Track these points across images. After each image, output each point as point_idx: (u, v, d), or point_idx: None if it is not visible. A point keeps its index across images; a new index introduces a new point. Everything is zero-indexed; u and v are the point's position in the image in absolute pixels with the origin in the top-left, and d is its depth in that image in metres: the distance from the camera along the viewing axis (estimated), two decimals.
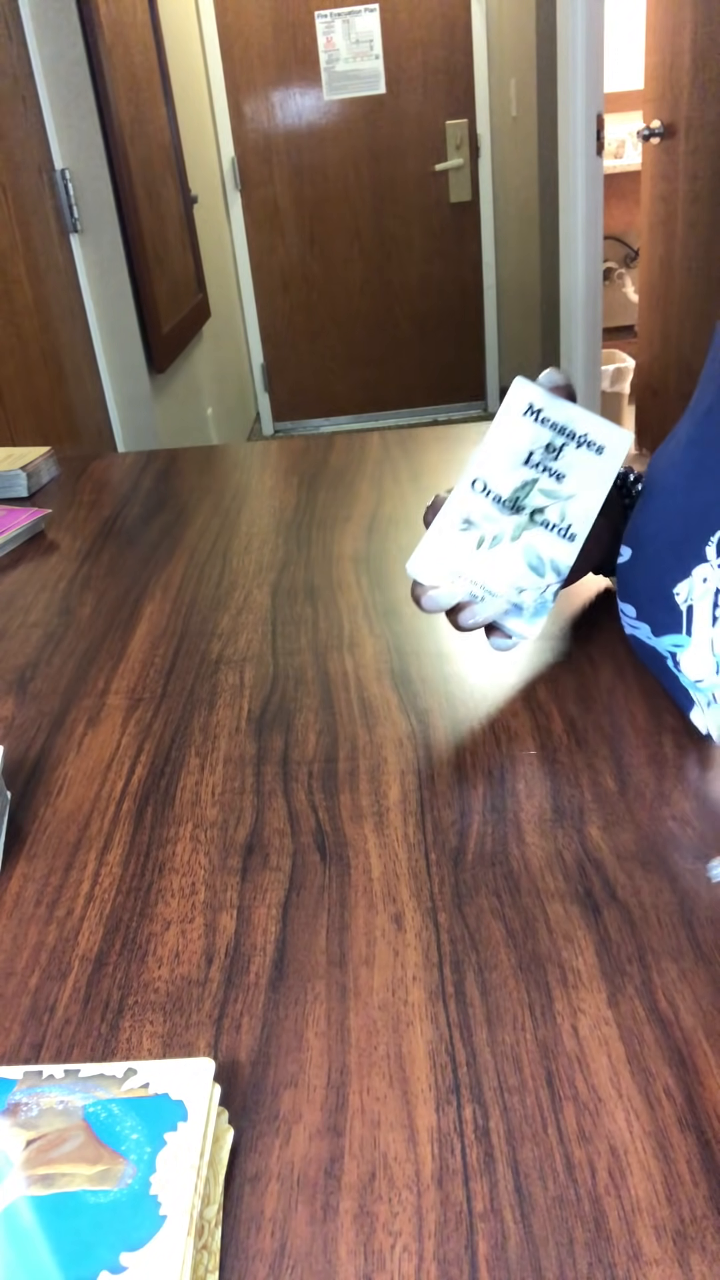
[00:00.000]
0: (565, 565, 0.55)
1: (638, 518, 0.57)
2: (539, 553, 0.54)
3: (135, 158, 2.45)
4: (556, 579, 0.55)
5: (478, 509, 0.54)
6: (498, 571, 0.54)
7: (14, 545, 0.92)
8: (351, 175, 4.03)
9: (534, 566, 0.54)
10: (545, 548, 0.54)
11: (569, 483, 0.54)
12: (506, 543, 0.54)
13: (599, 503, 0.55)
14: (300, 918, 0.44)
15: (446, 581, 0.54)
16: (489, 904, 0.43)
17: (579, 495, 0.54)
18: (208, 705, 0.62)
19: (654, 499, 0.55)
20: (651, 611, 0.54)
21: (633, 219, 4.01)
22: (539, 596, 0.55)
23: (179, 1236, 0.29)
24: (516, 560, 0.54)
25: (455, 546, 0.54)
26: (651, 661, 0.56)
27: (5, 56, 1.72)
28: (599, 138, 2.90)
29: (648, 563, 0.54)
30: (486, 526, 0.54)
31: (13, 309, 1.67)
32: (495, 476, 0.54)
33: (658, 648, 0.54)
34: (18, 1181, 0.31)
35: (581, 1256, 0.30)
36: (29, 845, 0.51)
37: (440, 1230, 0.31)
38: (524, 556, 0.54)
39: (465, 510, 0.54)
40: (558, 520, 0.54)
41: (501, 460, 0.54)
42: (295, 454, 1.11)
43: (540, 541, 0.54)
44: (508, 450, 0.54)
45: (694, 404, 0.54)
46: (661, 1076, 0.35)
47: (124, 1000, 0.41)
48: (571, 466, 0.54)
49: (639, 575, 0.55)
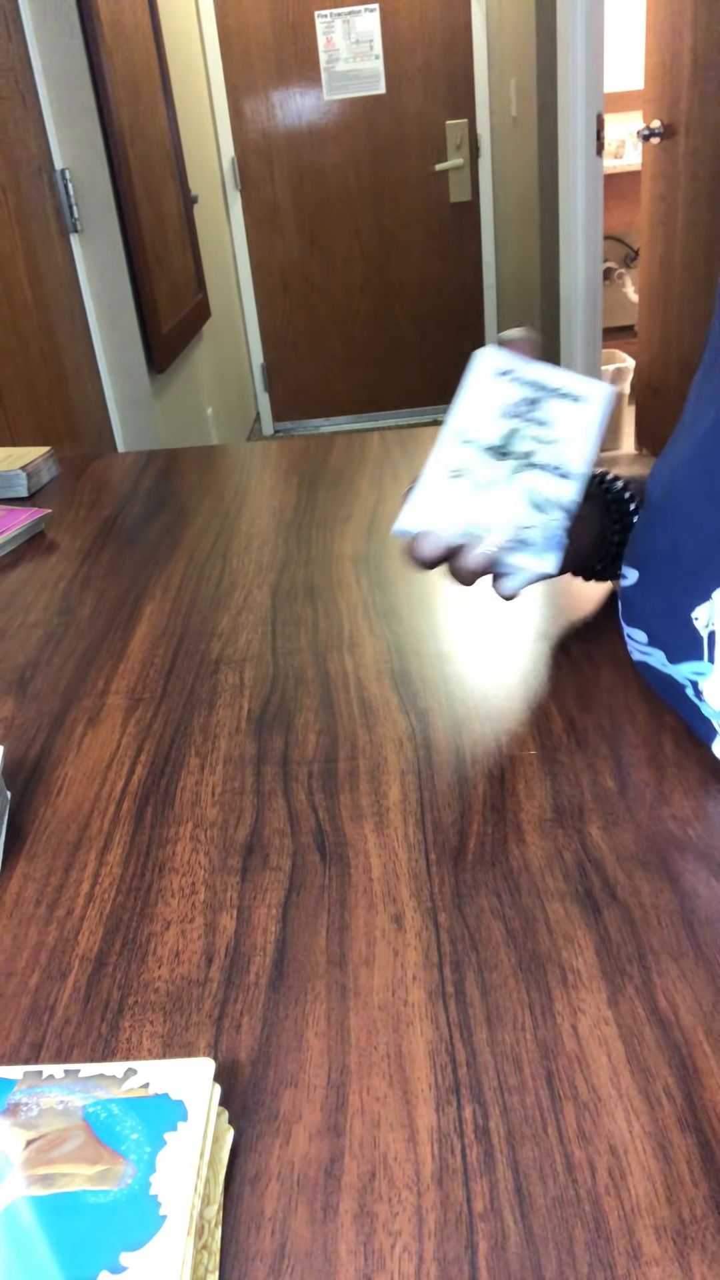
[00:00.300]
0: (570, 501, 0.51)
1: (641, 537, 0.54)
2: (540, 492, 0.51)
3: (135, 158, 2.45)
4: (563, 514, 0.51)
5: (467, 457, 0.52)
6: (499, 511, 0.51)
7: (14, 545, 0.92)
8: (351, 175, 4.03)
9: (537, 505, 0.51)
10: (545, 487, 0.51)
11: (555, 428, 0.52)
12: (502, 485, 0.51)
13: (590, 446, 0.52)
14: (300, 918, 0.44)
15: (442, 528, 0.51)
16: (489, 904, 0.43)
17: (568, 438, 0.52)
18: (208, 705, 0.62)
19: (658, 517, 0.52)
20: (666, 637, 0.51)
21: (633, 219, 4.01)
22: (546, 530, 0.51)
23: (179, 1236, 0.29)
24: (518, 501, 0.51)
25: (449, 495, 0.51)
26: (666, 690, 0.53)
27: (5, 56, 1.72)
28: (599, 138, 2.90)
29: (659, 585, 0.51)
30: (480, 472, 0.51)
31: (13, 309, 1.67)
32: (478, 427, 0.52)
33: (675, 676, 0.51)
34: (18, 1181, 0.31)
35: (581, 1256, 0.30)
36: (29, 845, 0.51)
37: (440, 1230, 0.31)
38: (525, 496, 0.51)
39: (454, 461, 0.52)
40: (553, 461, 0.52)
41: (481, 413, 0.52)
42: (295, 454, 1.11)
43: (539, 481, 0.52)
44: (486, 405, 0.52)
45: (691, 419, 0.52)
46: (661, 1076, 0.35)
47: (124, 1000, 0.41)
48: (554, 415, 0.52)
49: (649, 598, 0.52)
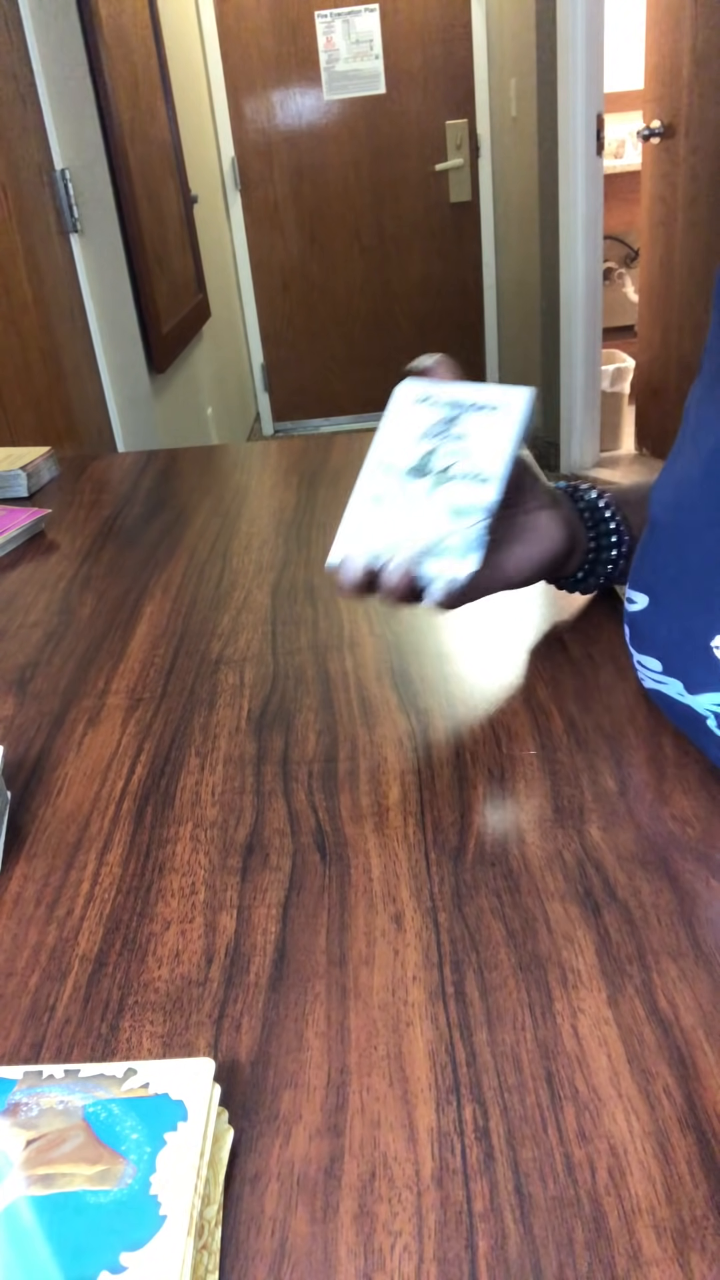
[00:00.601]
0: (489, 503, 0.53)
1: (651, 559, 0.52)
2: (457, 500, 0.53)
3: (135, 158, 2.45)
4: (481, 516, 0.53)
5: (386, 485, 0.54)
6: (419, 527, 0.53)
7: (14, 545, 0.92)
8: (351, 175, 4.03)
9: (457, 512, 0.53)
10: (463, 495, 0.53)
11: (471, 440, 0.54)
12: (422, 502, 0.53)
13: (509, 447, 0.54)
14: (300, 918, 0.44)
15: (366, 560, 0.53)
16: (489, 904, 0.43)
17: (484, 446, 0.54)
18: (208, 705, 0.62)
19: (665, 539, 0.51)
20: (684, 667, 0.49)
21: (633, 219, 4.01)
22: (466, 535, 0.53)
23: (179, 1236, 0.29)
24: (438, 513, 0.53)
25: (371, 522, 0.53)
26: (684, 720, 0.51)
27: (5, 56, 1.72)
28: (599, 138, 2.90)
29: (673, 612, 0.49)
30: (399, 497, 0.54)
31: (12, 309, 1.67)
32: (395, 453, 0.54)
33: (694, 707, 0.48)
34: (18, 1181, 0.31)
35: (581, 1256, 0.30)
36: (29, 845, 0.51)
37: (440, 1230, 0.31)
38: (444, 508, 0.53)
39: (373, 489, 0.54)
40: (469, 469, 0.54)
41: (401, 440, 0.54)
42: (295, 454, 1.11)
43: (456, 492, 0.53)
44: (405, 431, 0.55)
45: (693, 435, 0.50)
46: (661, 1076, 0.35)
47: (124, 1000, 0.41)
48: (471, 428, 0.54)
49: (662, 625, 0.50)
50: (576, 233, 3.04)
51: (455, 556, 0.53)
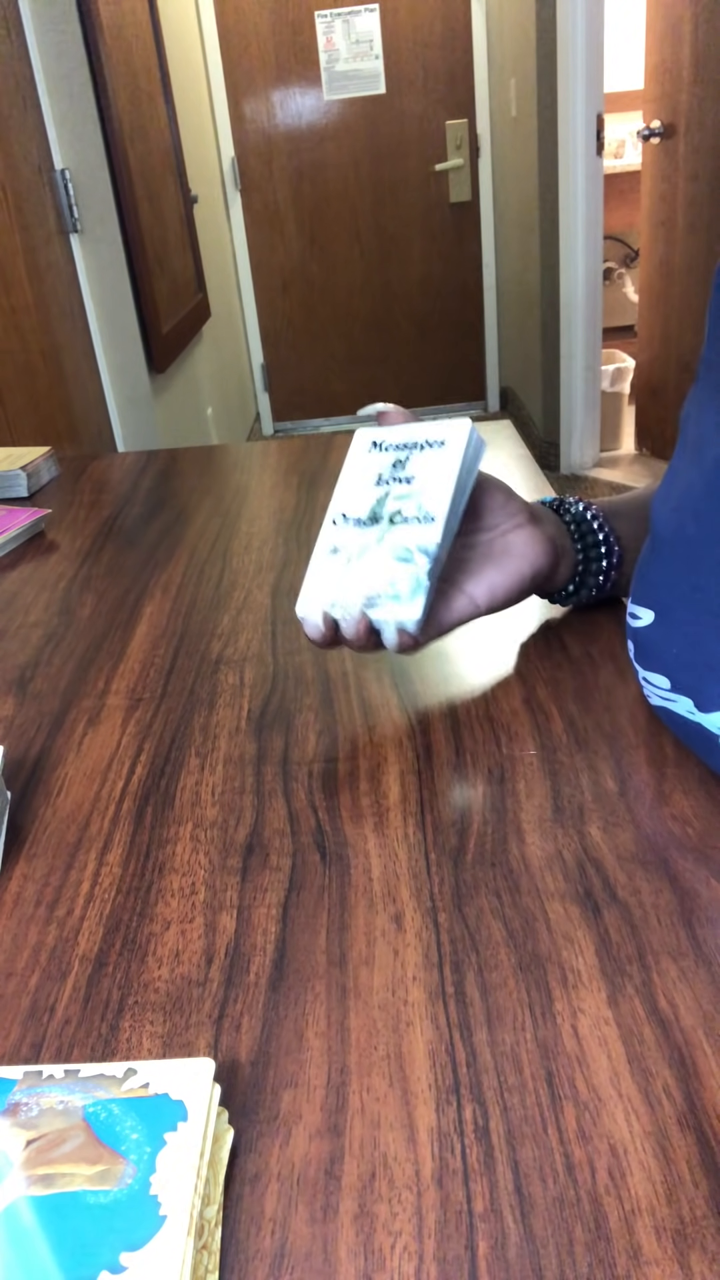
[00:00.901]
0: (432, 544, 0.55)
1: (656, 573, 0.50)
2: (405, 545, 0.55)
3: (135, 158, 2.45)
4: (427, 559, 0.55)
5: (341, 537, 0.57)
6: (370, 577, 0.55)
7: (14, 545, 0.92)
8: (351, 175, 4.03)
9: (402, 558, 0.55)
10: (409, 538, 0.55)
11: (418, 481, 0.56)
12: (373, 549, 0.56)
13: (450, 482, 0.56)
14: (300, 918, 0.44)
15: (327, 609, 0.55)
16: (489, 904, 0.43)
17: (429, 485, 0.56)
18: (208, 705, 0.62)
19: (671, 554, 0.49)
20: (695, 684, 0.47)
21: (633, 219, 4.02)
22: (412, 579, 0.55)
23: (179, 1236, 0.29)
24: (386, 560, 0.55)
25: (329, 575, 0.56)
26: (694, 738, 0.50)
27: (5, 56, 1.72)
28: (599, 138, 2.90)
29: (683, 629, 0.48)
30: (352, 546, 0.56)
31: (13, 309, 1.67)
32: (350, 503, 0.57)
33: (705, 725, 0.47)
34: (18, 1181, 0.31)
35: (581, 1256, 0.30)
36: (29, 845, 0.51)
37: (440, 1230, 0.31)
38: (392, 554, 0.55)
39: (330, 541, 0.57)
40: (415, 512, 0.56)
41: (354, 490, 0.58)
42: (295, 454, 1.11)
43: (404, 536, 0.56)
44: (358, 481, 0.58)
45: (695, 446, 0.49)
46: (661, 1076, 0.35)
47: (124, 1000, 0.41)
48: (418, 468, 0.57)
49: (672, 643, 0.49)
50: (576, 233, 3.04)
51: (401, 601, 0.55)
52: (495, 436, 1.08)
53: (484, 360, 4.39)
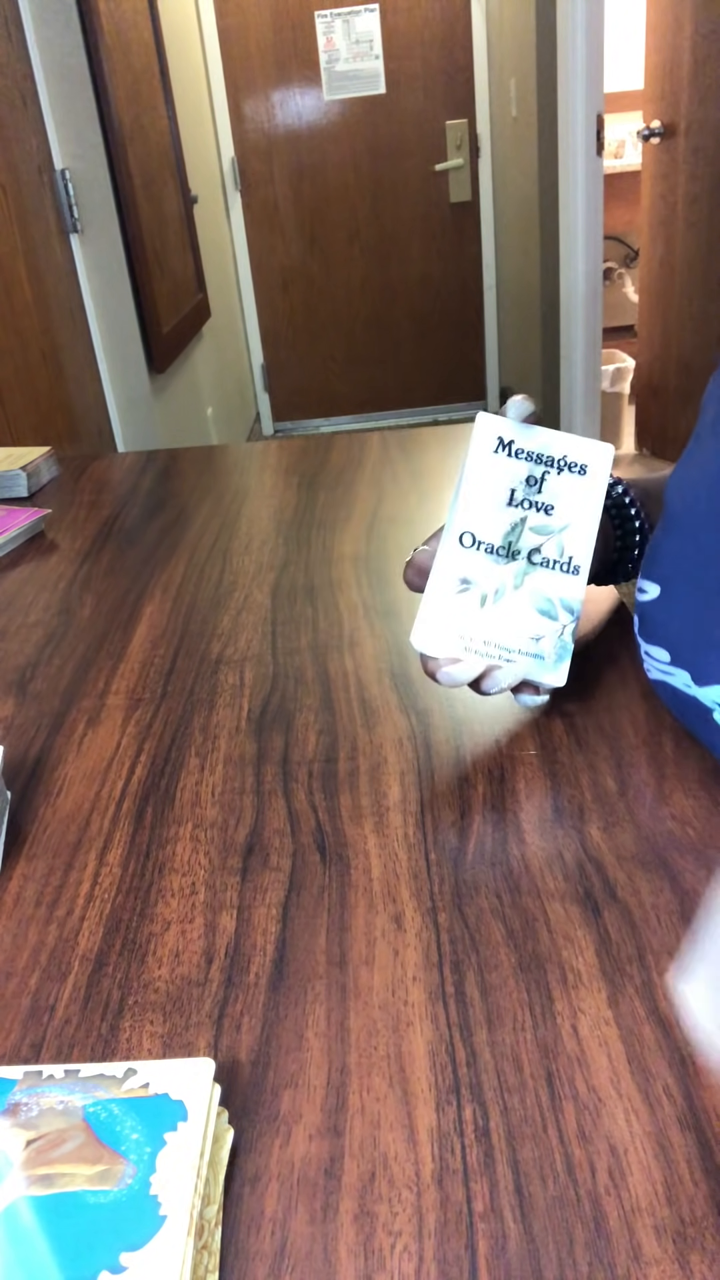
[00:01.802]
0: (577, 601, 0.52)
1: (663, 549, 0.52)
2: (546, 595, 0.52)
3: (135, 158, 2.45)
4: (570, 618, 0.52)
5: (472, 565, 0.51)
6: (509, 627, 0.52)
7: (14, 545, 0.92)
8: (351, 175, 4.03)
9: (545, 611, 0.52)
10: (551, 588, 0.52)
11: (559, 513, 0.52)
12: (510, 593, 0.51)
13: (595, 524, 0.52)
14: (300, 918, 0.44)
15: (458, 649, 0.51)
16: (489, 904, 0.43)
17: (573, 524, 0.52)
18: (208, 705, 0.62)
19: (682, 529, 0.50)
20: (693, 658, 0.49)
21: (633, 219, 4.02)
22: (558, 641, 0.52)
23: (179, 1236, 0.29)
24: (526, 609, 0.52)
25: (458, 610, 0.51)
26: (688, 713, 0.51)
27: (5, 56, 1.72)
28: (599, 138, 2.90)
29: (685, 603, 0.49)
30: (486, 582, 0.51)
31: (13, 309, 1.67)
32: (481, 526, 0.51)
33: (700, 699, 0.49)
34: (18, 1181, 0.31)
35: (581, 1256, 0.30)
36: (29, 845, 0.51)
37: (440, 1230, 0.31)
38: (532, 603, 0.52)
39: (459, 570, 0.51)
40: (557, 555, 0.52)
41: (484, 506, 0.51)
42: (295, 454, 1.11)
43: (545, 583, 0.52)
44: (488, 494, 0.51)
45: (712, 425, 0.49)
46: (661, 1076, 0.35)
47: (124, 1000, 0.41)
48: (558, 495, 0.51)
49: (673, 616, 0.50)
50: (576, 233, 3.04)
51: (545, 665, 0.52)
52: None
53: (484, 360, 4.39)
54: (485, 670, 0.52)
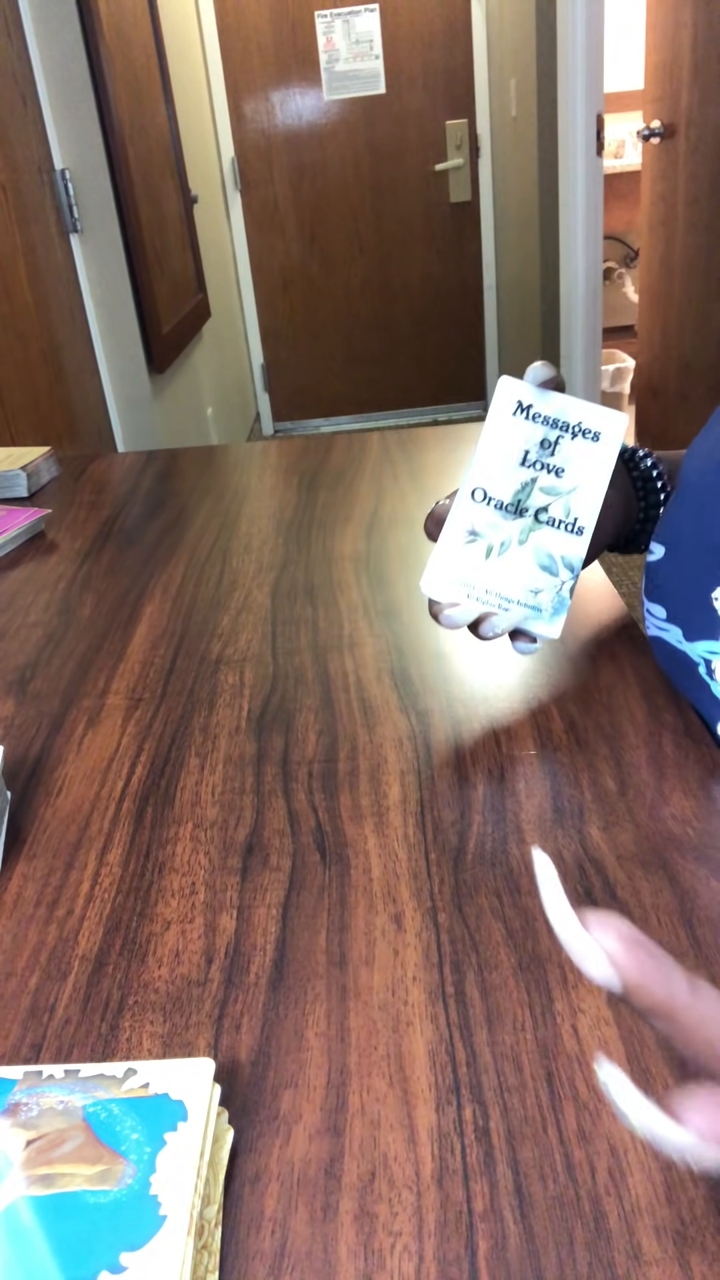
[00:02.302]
0: (577, 560, 0.54)
1: (673, 514, 0.55)
2: (549, 551, 0.54)
3: (135, 158, 2.45)
4: (570, 575, 0.54)
5: (481, 518, 0.54)
6: (510, 578, 0.54)
7: (14, 545, 0.92)
8: (351, 175, 4.03)
9: (545, 566, 0.54)
10: (554, 545, 0.54)
11: (569, 476, 0.54)
12: (515, 547, 0.54)
13: (603, 489, 0.54)
14: (300, 918, 0.44)
15: (461, 596, 0.54)
16: (489, 904, 0.43)
17: (581, 487, 0.54)
18: (208, 705, 0.62)
19: (692, 497, 0.54)
20: (686, 615, 0.52)
21: (633, 219, 4.02)
22: (555, 595, 0.55)
23: (179, 1236, 0.29)
24: (527, 563, 0.54)
25: (464, 559, 0.54)
26: (677, 668, 0.54)
27: (5, 56, 1.72)
28: (599, 138, 2.90)
29: (683, 563, 0.53)
30: (492, 534, 0.54)
31: (13, 309, 1.67)
32: (494, 482, 0.54)
33: (689, 653, 0.52)
34: (18, 1181, 0.31)
35: (581, 1256, 0.30)
36: (29, 845, 0.51)
37: (440, 1230, 0.31)
38: (534, 558, 0.54)
39: (469, 521, 0.54)
40: (563, 516, 0.54)
41: (498, 464, 0.54)
42: (295, 454, 1.11)
43: (549, 540, 0.54)
44: (503, 453, 0.54)
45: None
46: (661, 1076, 0.35)
47: (124, 1000, 0.41)
48: (569, 459, 0.54)
49: (673, 576, 0.54)
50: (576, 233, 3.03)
51: (541, 617, 0.55)
52: None
53: (484, 360, 4.39)
54: (484, 616, 0.54)
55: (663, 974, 0.25)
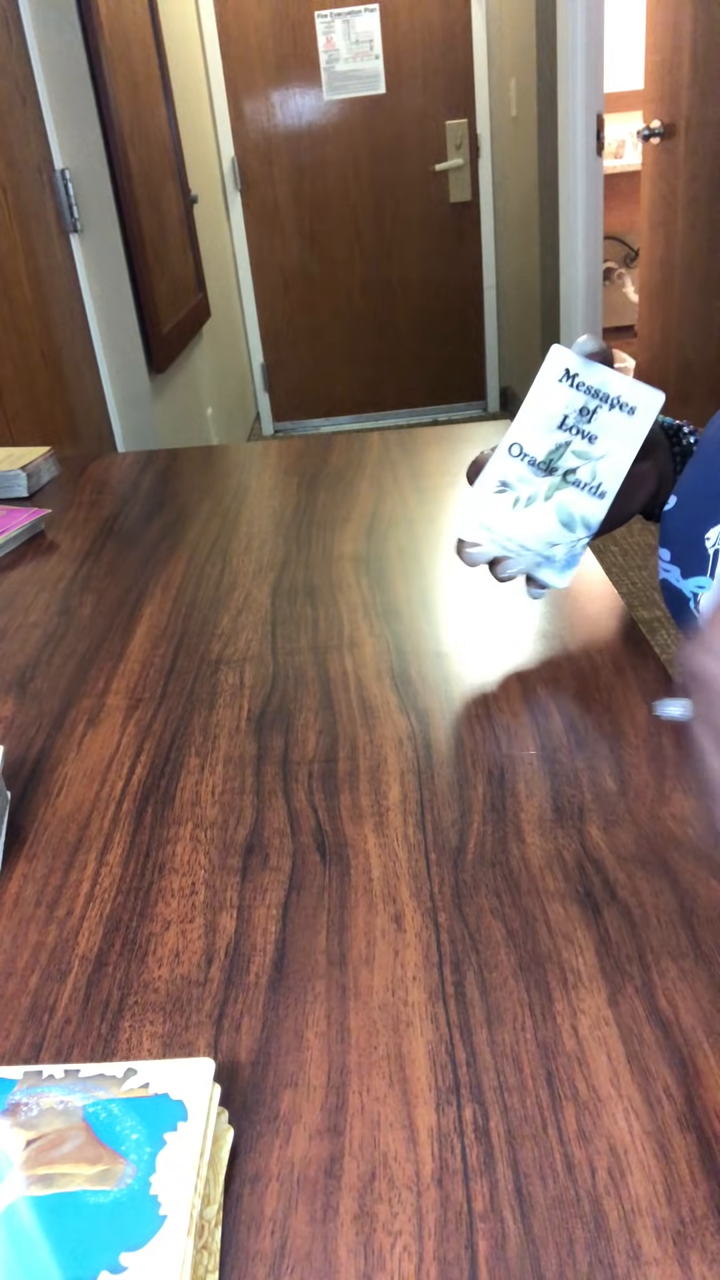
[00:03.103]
0: (595, 520, 0.58)
1: (688, 471, 0.61)
2: (570, 510, 0.58)
3: (135, 158, 2.45)
4: (586, 533, 0.59)
5: (513, 472, 0.58)
6: (531, 529, 0.58)
7: (14, 545, 0.92)
8: (351, 175, 4.03)
9: (565, 523, 0.58)
10: (576, 505, 0.58)
11: (600, 443, 0.57)
12: (540, 502, 0.58)
13: (629, 460, 0.57)
14: (300, 918, 0.44)
15: (485, 539, 0.59)
16: (489, 904, 0.43)
17: (610, 455, 0.57)
18: (208, 705, 0.62)
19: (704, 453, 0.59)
20: (684, 555, 0.58)
21: (633, 219, 4.01)
22: (569, 550, 0.59)
23: (179, 1236, 0.29)
24: (549, 518, 0.58)
25: (493, 507, 0.58)
26: (676, 605, 0.60)
27: (5, 56, 1.72)
28: (599, 138, 2.90)
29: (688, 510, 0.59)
30: (522, 488, 0.58)
31: (13, 309, 1.67)
32: (531, 440, 0.57)
33: (683, 589, 0.59)
34: (18, 1181, 0.31)
35: (581, 1256, 0.30)
36: (29, 845, 0.51)
37: (440, 1230, 0.31)
38: (556, 514, 0.58)
39: (502, 473, 0.58)
40: (589, 479, 0.58)
41: (537, 425, 0.57)
42: (295, 454, 1.11)
43: (572, 500, 0.58)
44: (543, 415, 0.57)
45: None
46: (661, 1076, 0.35)
47: (124, 1000, 0.41)
48: (604, 428, 0.57)
49: (678, 522, 0.59)
50: (576, 233, 3.04)
51: (554, 568, 0.60)
52: (495, 437, 1.08)
53: (484, 360, 4.39)
54: (502, 558, 0.60)
55: None
